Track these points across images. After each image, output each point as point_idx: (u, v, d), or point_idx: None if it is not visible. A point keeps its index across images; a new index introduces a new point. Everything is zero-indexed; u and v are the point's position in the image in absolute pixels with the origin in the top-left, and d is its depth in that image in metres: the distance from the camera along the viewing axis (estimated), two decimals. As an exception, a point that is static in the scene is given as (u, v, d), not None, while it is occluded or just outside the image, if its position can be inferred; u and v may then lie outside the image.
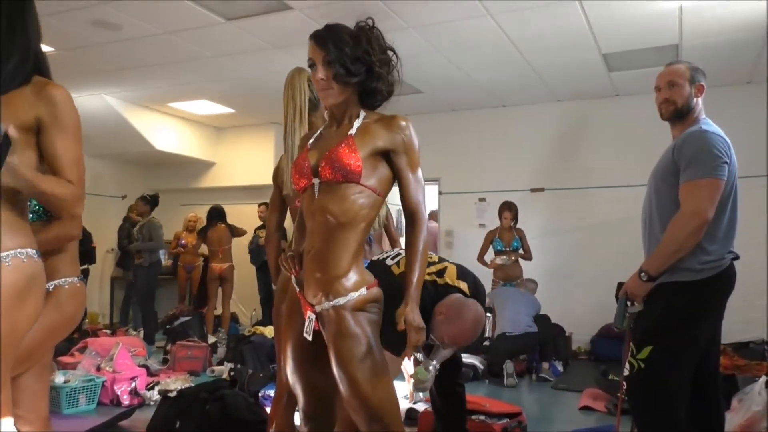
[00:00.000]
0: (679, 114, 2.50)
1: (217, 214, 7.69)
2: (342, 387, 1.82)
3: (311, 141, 1.99)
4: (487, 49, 5.43)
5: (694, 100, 2.49)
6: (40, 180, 1.57)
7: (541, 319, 5.86)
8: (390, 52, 1.90)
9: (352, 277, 1.84)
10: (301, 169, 1.90)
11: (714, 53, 5.41)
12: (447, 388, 3.03)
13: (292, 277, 1.99)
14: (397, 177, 1.90)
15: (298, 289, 1.96)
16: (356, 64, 1.82)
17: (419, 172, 1.91)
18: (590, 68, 5.97)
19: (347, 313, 1.82)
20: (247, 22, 4.87)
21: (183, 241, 8.02)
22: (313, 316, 1.88)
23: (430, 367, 2.57)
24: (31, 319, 1.63)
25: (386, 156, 1.87)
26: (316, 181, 1.86)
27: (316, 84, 1.87)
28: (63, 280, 2.09)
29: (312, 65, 1.87)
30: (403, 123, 1.86)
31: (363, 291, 1.84)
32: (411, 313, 1.83)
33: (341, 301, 1.82)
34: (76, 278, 2.13)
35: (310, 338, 1.89)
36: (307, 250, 1.91)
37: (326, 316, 1.85)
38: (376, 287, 1.90)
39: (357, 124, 1.87)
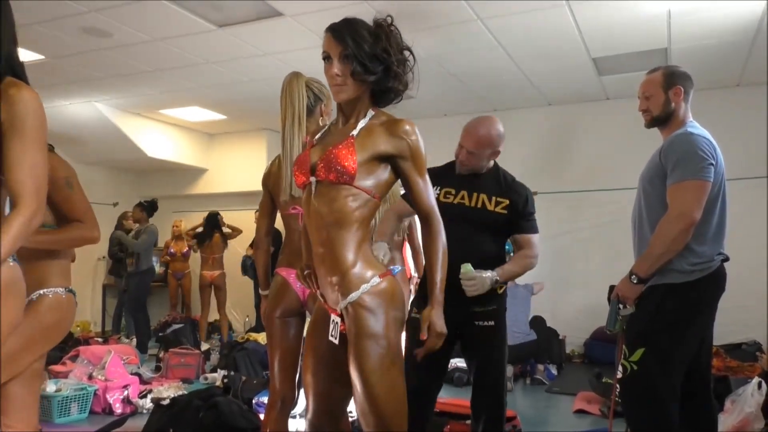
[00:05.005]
0: (657, 122, 2.57)
1: (212, 223, 7.67)
2: (355, 387, 1.77)
3: (317, 137, 1.98)
4: (478, 53, 5.45)
5: (672, 104, 2.51)
6: None
7: (537, 323, 5.86)
8: (407, 52, 1.85)
9: (360, 269, 1.80)
10: (302, 165, 1.89)
11: (703, 56, 5.44)
12: (489, 404, 2.66)
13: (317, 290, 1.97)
14: (405, 182, 1.88)
15: (322, 300, 1.93)
16: (374, 61, 1.77)
17: (426, 176, 1.89)
18: (580, 72, 5.99)
19: (366, 311, 1.76)
20: (239, 28, 4.87)
21: (172, 250, 8.02)
22: (338, 319, 1.84)
23: (486, 275, 2.51)
24: (9, 324, 1.60)
25: (389, 159, 1.84)
26: (313, 179, 1.85)
27: (330, 79, 1.81)
28: (48, 290, 2.06)
29: (326, 58, 1.81)
30: (408, 128, 1.82)
31: (376, 280, 1.79)
32: (435, 317, 1.81)
33: (355, 295, 1.77)
34: (62, 289, 2.10)
35: (336, 341, 1.85)
36: (315, 254, 1.88)
37: (347, 315, 1.80)
38: (391, 276, 1.83)
39: (361, 124, 1.84)
